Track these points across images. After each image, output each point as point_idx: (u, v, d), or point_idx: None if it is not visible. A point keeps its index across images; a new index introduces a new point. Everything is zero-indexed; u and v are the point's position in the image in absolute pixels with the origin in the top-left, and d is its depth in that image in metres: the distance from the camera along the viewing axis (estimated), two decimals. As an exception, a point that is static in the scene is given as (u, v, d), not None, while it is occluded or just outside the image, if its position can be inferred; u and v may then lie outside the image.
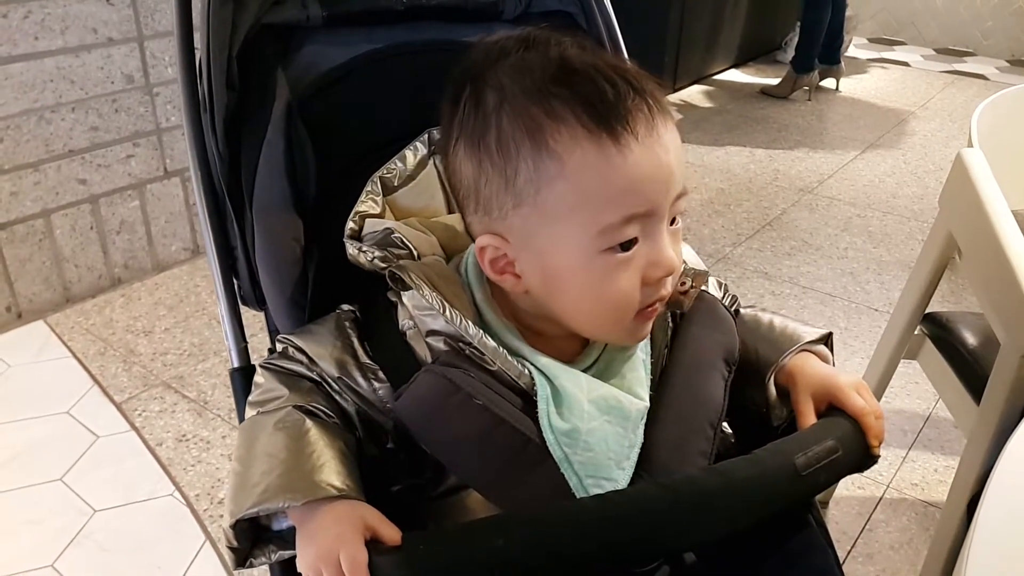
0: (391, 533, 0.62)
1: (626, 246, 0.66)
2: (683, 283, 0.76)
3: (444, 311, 0.69)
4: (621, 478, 0.68)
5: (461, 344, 0.70)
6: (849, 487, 1.67)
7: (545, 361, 0.71)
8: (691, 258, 0.81)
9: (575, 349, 0.75)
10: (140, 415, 1.84)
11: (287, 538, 0.68)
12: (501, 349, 0.70)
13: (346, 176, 0.86)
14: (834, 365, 0.81)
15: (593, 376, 0.72)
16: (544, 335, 0.74)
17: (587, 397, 0.69)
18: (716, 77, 4.43)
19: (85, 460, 1.71)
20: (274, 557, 0.69)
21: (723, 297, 0.86)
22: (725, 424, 0.82)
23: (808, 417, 0.74)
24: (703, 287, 0.81)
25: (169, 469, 1.69)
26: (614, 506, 0.62)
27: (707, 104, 4.04)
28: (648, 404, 0.72)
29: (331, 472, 0.65)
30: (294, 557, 0.64)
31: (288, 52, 0.89)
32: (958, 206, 1.14)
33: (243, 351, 0.89)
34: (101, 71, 2.13)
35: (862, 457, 0.73)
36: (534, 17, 1.02)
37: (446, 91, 0.72)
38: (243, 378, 0.88)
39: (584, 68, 0.66)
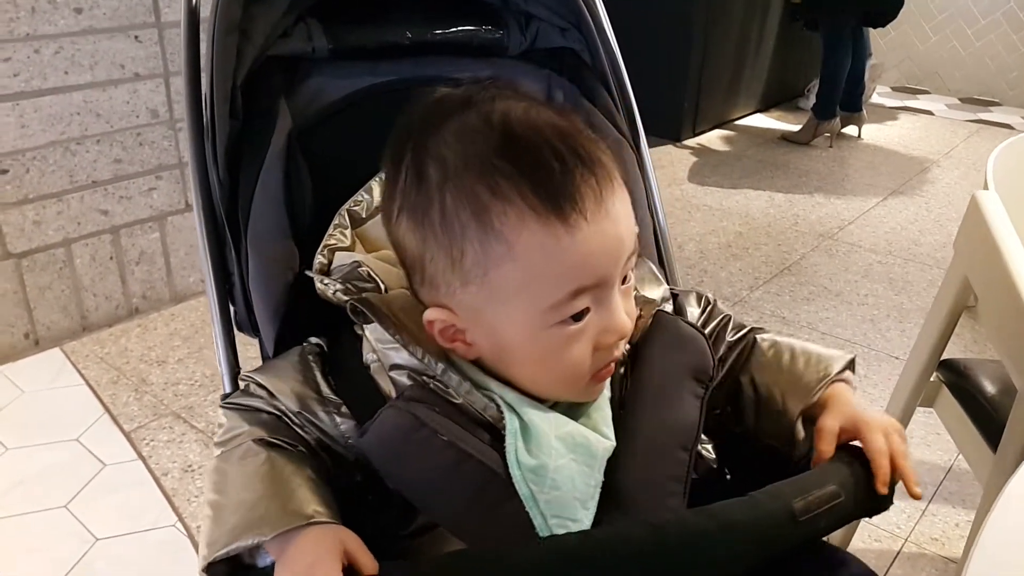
0: (368, 562, 0.61)
1: (578, 317, 0.66)
2: None
3: (407, 345, 0.68)
4: (585, 518, 0.66)
5: (425, 378, 0.69)
6: (866, 540, 1.63)
7: (512, 396, 0.69)
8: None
9: None
10: (148, 444, 1.84)
11: (271, 574, 0.67)
12: (465, 382, 0.69)
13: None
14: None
15: (559, 413, 0.71)
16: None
17: (555, 433, 0.68)
18: (737, 122, 4.44)
19: (90, 488, 1.71)
20: None
21: (703, 315, 0.85)
22: (709, 447, 0.80)
23: (826, 441, 0.71)
24: (662, 309, 0.80)
25: (173, 499, 1.68)
26: (599, 546, 0.60)
27: (727, 149, 4.04)
28: (614, 443, 0.70)
29: (300, 500, 0.64)
30: None
31: (294, 83, 0.90)
32: (973, 250, 1.12)
33: (235, 377, 0.88)
34: (127, 105, 2.17)
35: (868, 503, 0.70)
36: (539, 54, 1.02)
37: (386, 150, 0.70)
38: (234, 404, 0.87)
39: (528, 137, 0.64)
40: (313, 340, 0.77)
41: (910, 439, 1.88)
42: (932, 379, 1.30)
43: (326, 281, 0.74)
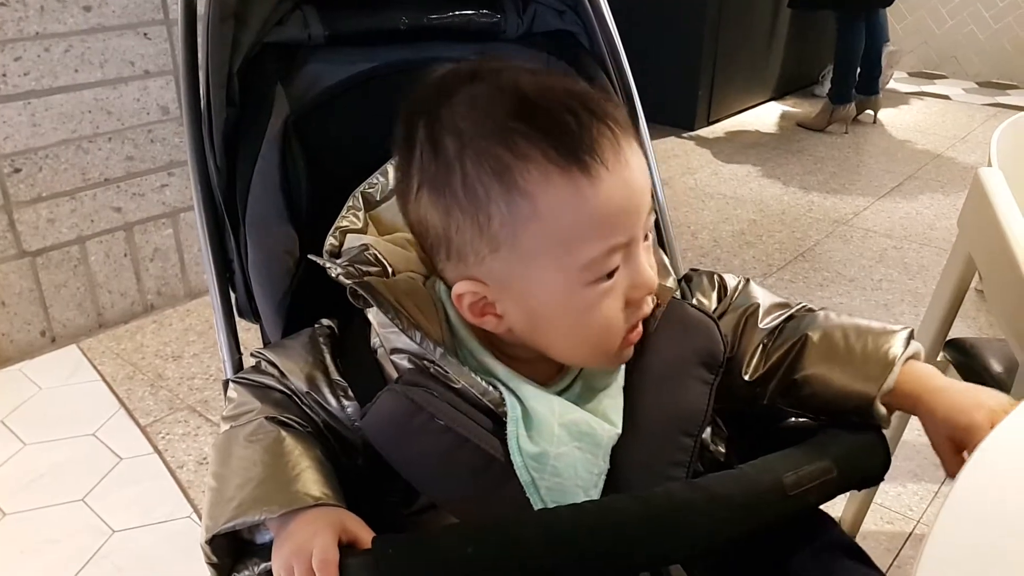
0: (368, 538, 0.62)
1: (610, 274, 0.66)
2: None
3: (405, 329, 0.68)
4: None
5: (425, 362, 0.69)
6: (877, 522, 1.62)
7: (517, 382, 0.70)
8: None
9: (551, 372, 0.74)
10: (164, 438, 1.86)
11: (270, 551, 0.68)
12: (465, 368, 0.69)
13: (344, 191, 0.86)
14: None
15: (568, 399, 0.71)
16: (520, 359, 0.73)
17: (558, 421, 0.68)
18: (752, 111, 4.42)
19: (107, 481, 1.73)
20: (257, 571, 0.68)
21: (718, 299, 0.83)
22: (719, 441, 0.79)
23: (952, 463, 0.68)
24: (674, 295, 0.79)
25: (188, 491, 1.70)
26: (587, 516, 0.60)
27: (741, 137, 4.02)
28: (620, 431, 0.70)
29: (308, 481, 0.65)
30: None
31: (290, 70, 0.91)
32: (976, 227, 1.11)
33: (237, 363, 0.89)
34: (137, 102, 2.19)
35: (860, 478, 0.70)
36: (536, 37, 1.02)
37: (396, 132, 0.70)
38: (236, 389, 0.88)
39: (541, 98, 0.65)
40: (324, 322, 0.78)
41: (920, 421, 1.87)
42: (939, 358, 1.29)
43: (329, 264, 0.74)
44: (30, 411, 1.95)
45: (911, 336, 0.76)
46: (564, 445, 0.67)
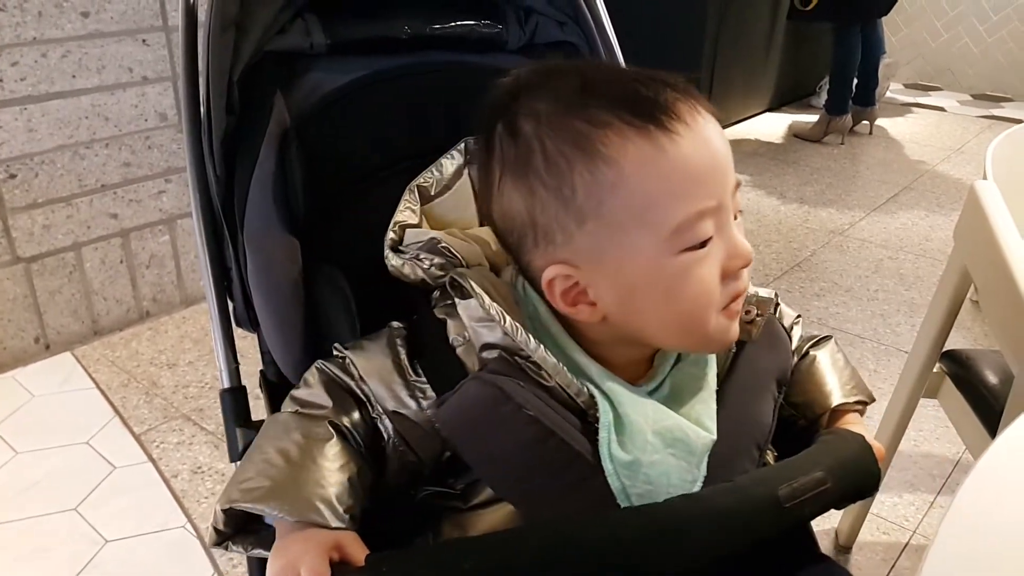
0: (361, 557, 0.61)
1: (703, 244, 0.65)
2: (748, 311, 0.73)
3: (504, 322, 0.67)
4: None
5: (517, 358, 0.68)
6: (874, 532, 1.62)
7: (611, 384, 0.68)
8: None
9: (640, 372, 0.73)
10: (158, 446, 1.85)
11: (267, 537, 0.67)
12: (561, 365, 0.67)
13: (349, 196, 0.86)
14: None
15: (658, 400, 0.69)
16: (609, 360, 0.71)
17: (652, 428, 0.66)
18: (749, 121, 4.43)
19: (100, 490, 1.72)
20: (249, 550, 0.68)
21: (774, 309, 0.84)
22: (770, 459, 0.79)
23: None
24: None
25: (183, 501, 1.69)
26: (584, 531, 0.60)
27: (739, 146, 4.03)
28: (715, 437, 0.69)
29: (332, 498, 0.64)
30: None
31: (291, 78, 0.91)
32: (972, 239, 1.12)
33: (234, 372, 0.89)
34: (135, 109, 2.19)
35: (855, 489, 0.69)
36: (538, 48, 1.02)
37: (476, 141, 0.71)
38: (233, 399, 0.87)
39: (612, 76, 0.68)
40: (396, 324, 0.76)
41: (919, 432, 1.88)
42: (935, 370, 1.30)
43: (422, 256, 0.74)
44: (23, 419, 1.94)
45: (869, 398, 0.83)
46: (657, 453, 0.66)
